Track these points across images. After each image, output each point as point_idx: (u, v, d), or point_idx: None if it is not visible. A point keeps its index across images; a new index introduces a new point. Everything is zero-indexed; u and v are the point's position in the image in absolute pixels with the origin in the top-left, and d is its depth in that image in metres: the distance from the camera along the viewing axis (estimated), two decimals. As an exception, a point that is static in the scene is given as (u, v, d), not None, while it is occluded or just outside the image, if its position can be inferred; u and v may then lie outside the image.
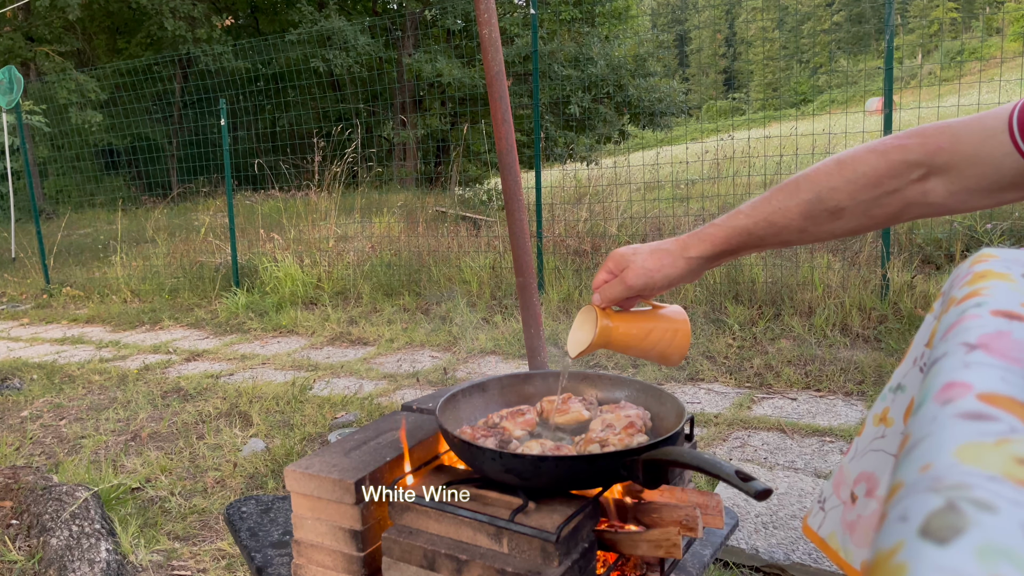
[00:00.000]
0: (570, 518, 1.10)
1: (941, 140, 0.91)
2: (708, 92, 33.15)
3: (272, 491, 2.80)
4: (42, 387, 4.44)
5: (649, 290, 1.13)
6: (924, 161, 0.92)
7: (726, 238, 1.06)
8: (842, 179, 0.97)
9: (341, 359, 4.80)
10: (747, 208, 1.05)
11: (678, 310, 1.25)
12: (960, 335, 0.61)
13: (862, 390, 3.56)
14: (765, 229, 1.03)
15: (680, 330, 1.22)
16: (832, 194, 0.98)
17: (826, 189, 0.98)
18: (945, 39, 26.02)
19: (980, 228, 5.17)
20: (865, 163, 0.96)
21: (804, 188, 1.00)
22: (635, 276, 1.12)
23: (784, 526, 2.28)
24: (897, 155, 0.94)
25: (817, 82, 35.30)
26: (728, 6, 51.61)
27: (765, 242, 1.05)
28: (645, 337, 1.21)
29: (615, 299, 1.17)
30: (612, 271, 1.16)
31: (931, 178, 0.93)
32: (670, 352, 1.23)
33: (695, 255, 1.09)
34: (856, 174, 0.96)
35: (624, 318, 1.20)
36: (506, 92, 2.24)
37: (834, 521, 0.96)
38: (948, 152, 0.90)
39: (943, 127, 0.92)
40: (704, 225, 1.10)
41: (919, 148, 0.92)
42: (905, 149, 0.93)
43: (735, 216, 1.06)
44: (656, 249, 1.12)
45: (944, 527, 0.37)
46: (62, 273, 8.97)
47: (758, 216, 1.04)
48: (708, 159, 6.77)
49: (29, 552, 2.23)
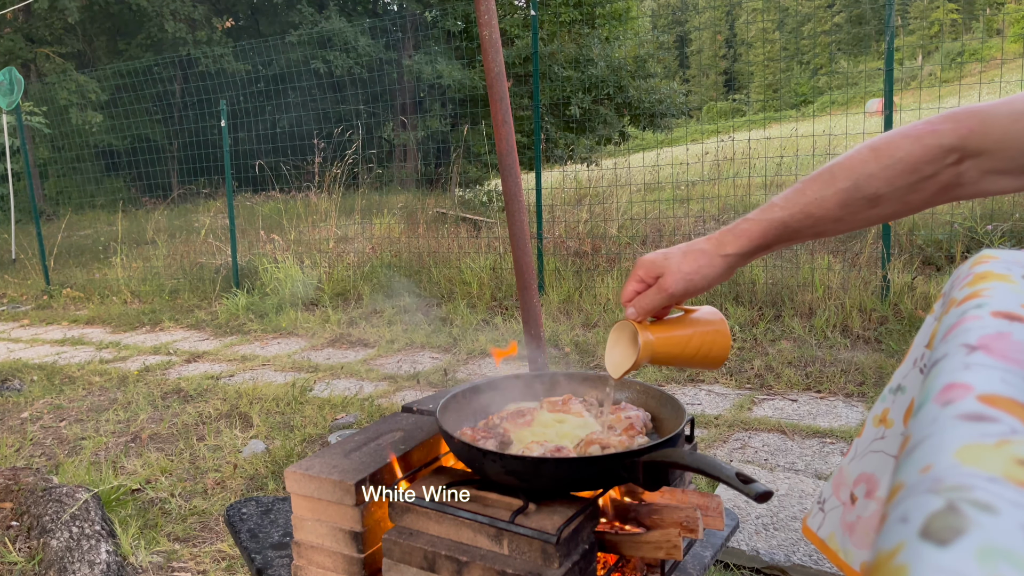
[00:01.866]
0: (570, 519, 1.10)
1: (971, 123, 0.90)
2: (708, 93, 33.13)
3: (272, 492, 2.79)
4: (42, 388, 4.44)
5: (689, 295, 1.08)
6: (958, 145, 0.91)
7: (762, 233, 1.03)
8: (879, 166, 0.96)
9: (341, 360, 4.80)
10: (781, 200, 1.02)
11: (712, 311, 1.20)
12: (960, 336, 0.61)
13: (862, 391, 3.56)
14: (801, 221, 1.01)
15: (720, 331, 1.18)
16: (870, 181, 0.96)
17: (863, 176, 0.97)
18: (945, 40, 26.03)
19: (980, 229, 5.17)
20: (900, 149, 0.94)
21: (840, 177, 0.98)
22: (674, 282, 1.06)
23: (785, 528, 2.28)
24: (931, 140, 0.93)
25: (817, 83, 35.31)
26: (728, 7, 51.60)
27: (800, 234, 1.02)
28: (687, 345, 1.16)
29: (653, 310, 1.11)
30: (644, 280, 1.11)
31: (965, 161, 0.92)
32: (713, 355, 1.18)
33: (732, 252, 1.05)
34: (893, 160, 0.95)
35: (662, 329, 1.15)
36: (506, 93, 2.24)
37: (834, 522, 0.96)
38: (979, 135, 0.90)
39: (973, 111, 0.91)
40: (738, 220, 1.06)
41: (952, 132, 0.91)
42: (938, 134, 0.92)
43: (770, 209, 1.03)
44: (689, 250, 1.07)
45: (945, 528, 0.37)
46: (62, 274, 8.97)
47: (794, 208, 1.01)
48: (708, 160, 6.77)
49: (29, 553, 2.23)
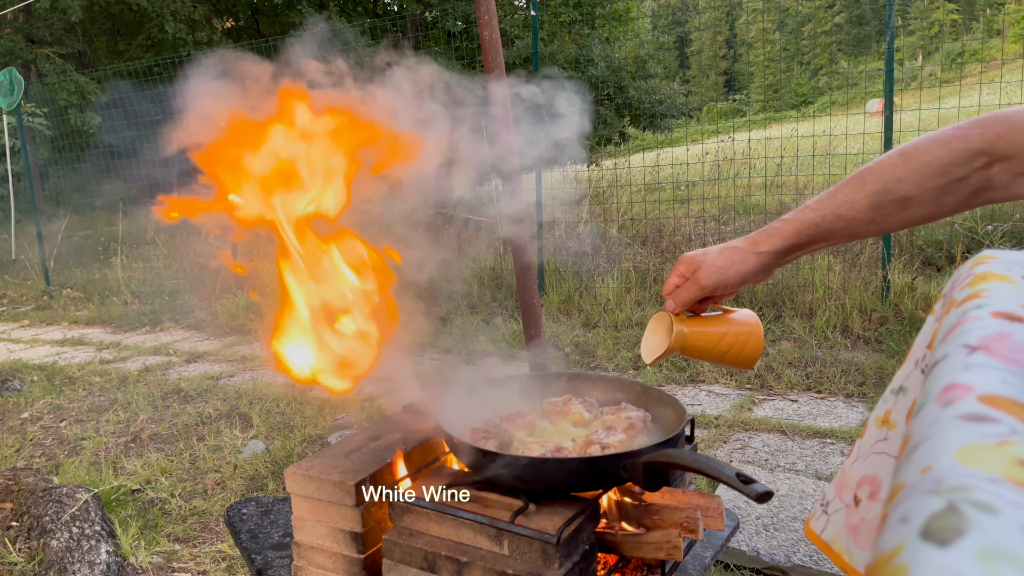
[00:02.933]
0: (571, 520, 1.09)
1: (999, 128, 0.92)
2: (708, 94, 33.17)
3: (272, 493, 2.79)
4: (42, 389, 4.44)
5: (722, 288, 1.14)
6: (985, 149, 0.93)
7: (795, 232, 1.08)
8: (908, 169, 0.98)
9: (341, 361, 4.80)
10: (814, 203, 1.06)
11: (749, 314, 1.25)
12: (961, 337, 0.61)
13: (863, 392, 3.56)
14: (833, 222, 1.05)
15: (753, 333, 1.22)
16: (899, 184, 0.99)
17: (893, 180, 0.99)
18: (946, 41, 26.02)
19: (981, 230, 5.16)
20: (929, 152, 0.97)
21: (870, 180, 1.01)
22: (707, 275, 1.12)
23: (785, 528, 2.28)
24: (959, 144, 0.95)
25: (818, 84, 35.30)
26: (729, 8, 51.59)
27: (834, 235, 1.06)
28: (719, 341, 1.21)
29: (689, 302, 1.17)
30: (683, 274, 1.17)
31: (994, 165, 0.94)
32: (744, 355, 1.22)
33: (765, 250, 1.10)
34: (921, 163, 0.97)
35: (697, 323, 1.21)
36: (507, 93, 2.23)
37: (837, 524, 0.95)
38: (1006, 140, 0.92)
39: (1000, 116, 0.93)
40: (773, 221, 1.11)
41: (979, 137, 0.93)
42: (966, 139, 0.94)
43: (803, 211, 1.07)
44: (726, 248, 1.13)
45: (945, 529, 0.37)
46: (62, 275, 8.96)
47: (826, 210, 1.05)
48: (709, 161, 6.77)
49: (29, 554, 2.23)
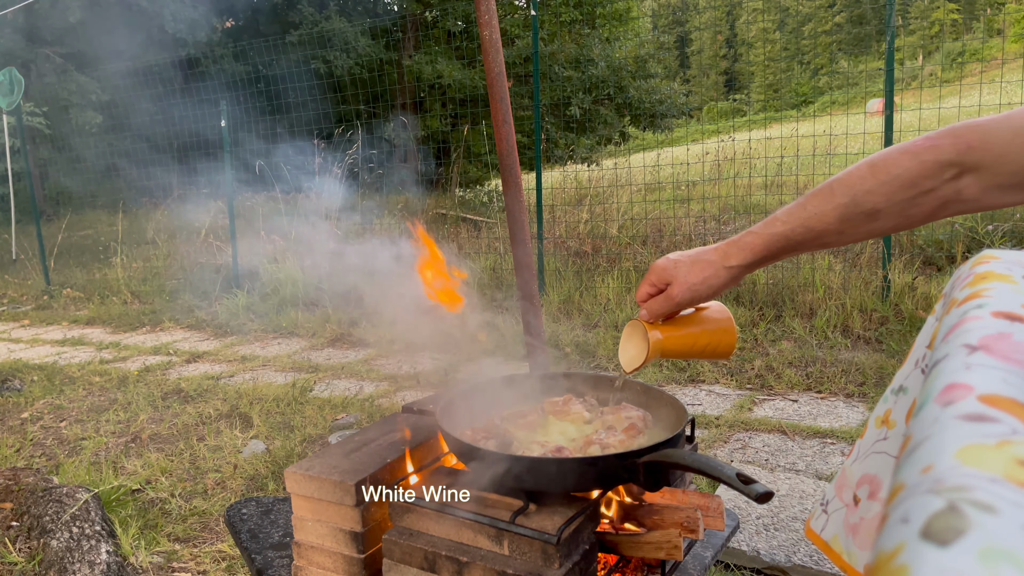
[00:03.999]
0: (571, 520, 1.09)
1: (971, 138, 0.91)
2: (709, 93, 33.13)
3: (273, 493, 2.79)
4: (42, 388, 4.44)
5: (695, 303, 1.18)
6: (956, 160, 0.92)
7: (765, 246, 1.09)
8: (876, 182, 0.98)
9: (342, 360, 4.80)
10: (783, 215, 1.07)
11: (720, 308, 1.29)
12: (961, 337, 0.60)
13: (863, 392, 3.56)
14: (803, 234, 1.05)
15: (726, 329, 1.26)
16: (867, 197, 0.99)
17: (861, 192, 0.99)
18: (946, 40, 26.01)
19: (981, 230, 5.16)
20: (898, 165, 0.96)
21: (839, 193, 1.01)
22: (681, 292, 1.15)
23: (785, 528, 2.28)
24: (930, 156, 0.94)
25: (818, 83, 35.27)
26: (729, 7, 51.57)
27: (804, 246, 1.07)
28: (695, 343, 1.25)
29: (662, 315, 1.20)
30: (655, 284, 1.19)
31: (964, 176, 0.93)
32: (720, 351, 1.27)
33: (736, 264, 1.11)
34: (890, 176, 0.97)
35: (672, 328, 1.24)
36: (507, 93, 2.24)
37: (837, 524, 0.95)
38: (979, 151, 0.91)
39: (973, 125, 0.92)
40: (743, 233, 1.12)
41: (951, 148, 0.92)
42: (938, 149, 0.93)
43: (772, 223, 1.08)
44: (697, 260, 1.14)
45: (945, 529, 0.37)
46: (63, 274, 8.97)
47: (795, 223, 1.05)
48: (709, 160, 6.77)
49: (29, 554, 2.23)
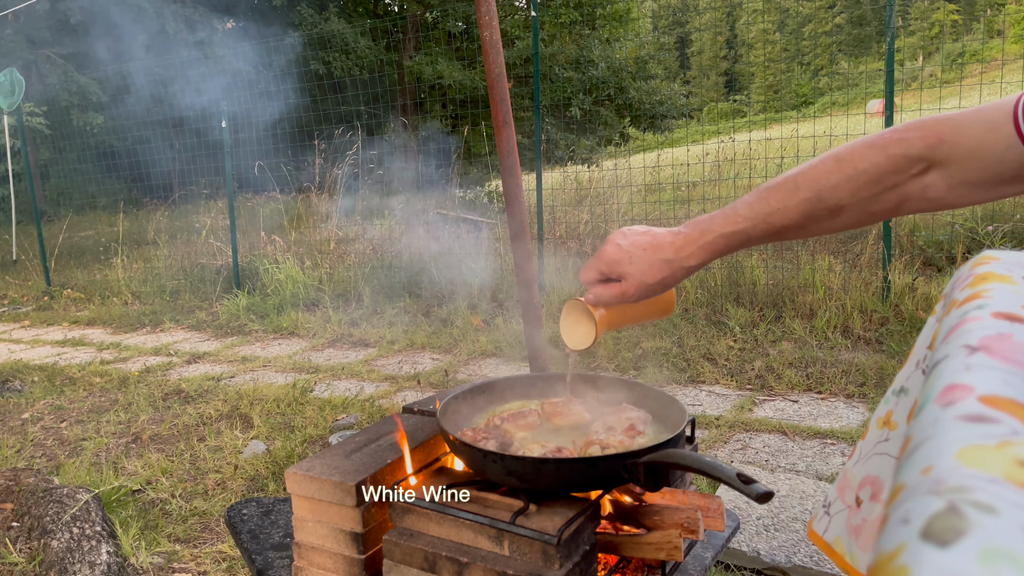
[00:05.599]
0: (571, 520, 1.09)
1: (942, 131, 0.89)
2: (709, 94, 33.14)
3: (273, 493, 2.79)
4: (43, 389, 4.44)
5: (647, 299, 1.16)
6: (925, 155, 0.90)
7: (725, 244, 1.05)
8: (842, 176, 0.95)
9: (342, 361, 4.80)
10: (744, 209, 1.03)
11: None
12: (961, 337, 0.61)
13: (863, 392, 3.56)
14: (763, 230, 1.02)
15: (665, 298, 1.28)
16: (832, 193, 0.96)
17: (826, 188, 0.96)
18: (946, 41, 26.01)
19: (982, 230, 5.16)
20: (865, 160, 0.94)
21: (803, 187, 0.98)
22: (636, 291, 1.11)
23: (786, 528, 2.27)
24: (897, 149, 0.92)
25: (818, 84, 35.27)
26: (729, 8, 51.55)
27: (760, 240, 1.05)
28: (638, 316, 1.27)
29: (610, 305, 1.18)
30: (605, 273, 1.14)
31: (931, 172, 0.92)
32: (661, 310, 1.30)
33: (695, 264, 1.08)
34: (856, 171, 0.94)
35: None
36: (507, 94, 2.24)
37: (839, 526, 0.95)
38: (950, 144, 0.89)
39: (944, 119, 0.90)
40: (702, 226, 1.06)
41: (920, 141, 0.90)
42: (906, 143, 0.91)
43: (733, 219, 1.04)
44: (654, 261, 1.08)
45: (946, 529, 0.37)
46: (63, 275, 8.97)
47: (756, 218, 1.02)
48: (709, 161, 6.76)
49: (30, 554, 2.23)
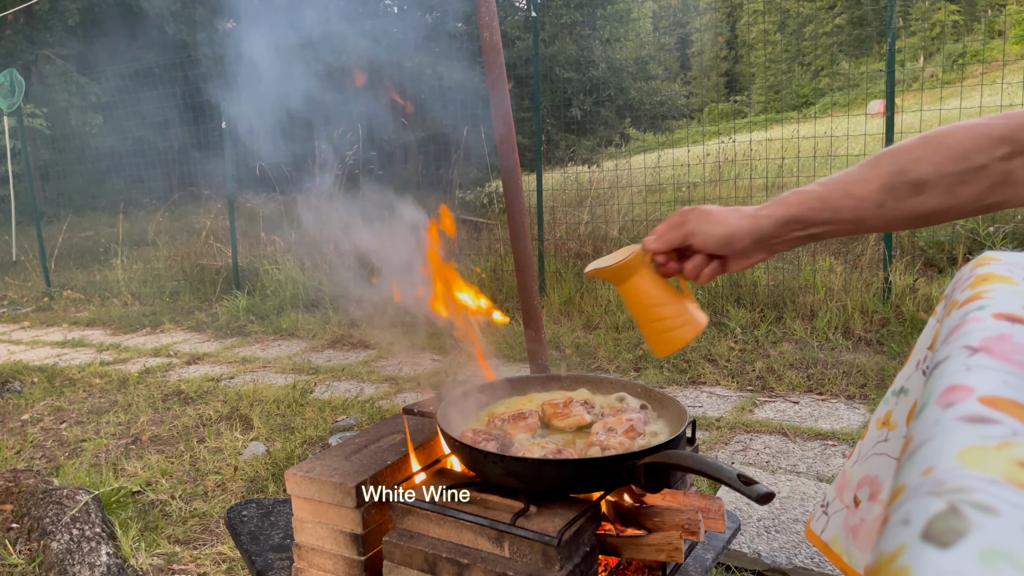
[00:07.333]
0: (572, 522, 1.09)
1: None
2: (710, 95, 33.12)
3: (273, 495, 2.79)
4: (43, 390, 4.44)
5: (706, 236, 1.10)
6: (1009, 136, 0.91)
7: (799, 203, 1.04)
8: (927, 150, 0.96)
9: (342, 362, 4.80)
10: (825, 179, 1.03)
11: (701, 312, 1.22)
12: (962, 338, 0.60)
13: (864, 393, 3.56)
14: (841, 199, 1.01)
15: (688, 324, 1.18)
16: (916, 165, 0.96)
17: (910, 160, 0.97)
18: (947, 42, 26.00)
19: (983, 231, 5.16)
20: (950, 136, 0.95)
21: (886, 161, 0.99)
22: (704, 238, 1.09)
23: (786, 530, 2.27)
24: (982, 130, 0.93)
25: (819, 85, 35.25)
26: (729, 9, 51.54)
27: (840, 215, 1.02)
28: (655, 305, 1.17)
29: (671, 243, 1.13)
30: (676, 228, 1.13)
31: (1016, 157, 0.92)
32: (666, 337, 1.18)
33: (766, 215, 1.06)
34: (942, 146, 0.95)
35: (654, 280, 1.18)
36: (507, 95, 2.24)
37: (837, 525, 0.95)
38: None
39: None
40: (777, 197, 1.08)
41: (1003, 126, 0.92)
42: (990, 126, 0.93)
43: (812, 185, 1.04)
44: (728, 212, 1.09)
45: (946, 530, 0.37)
46: (63, 276, 8.97)
47: (835, 185, 1.01)
48: (710, 162, 6.76)
49: (30, 556, 2.23)
